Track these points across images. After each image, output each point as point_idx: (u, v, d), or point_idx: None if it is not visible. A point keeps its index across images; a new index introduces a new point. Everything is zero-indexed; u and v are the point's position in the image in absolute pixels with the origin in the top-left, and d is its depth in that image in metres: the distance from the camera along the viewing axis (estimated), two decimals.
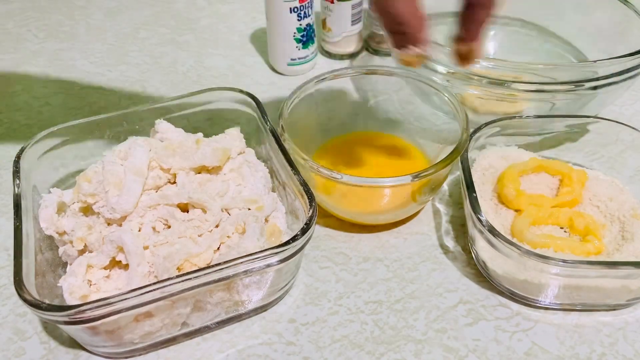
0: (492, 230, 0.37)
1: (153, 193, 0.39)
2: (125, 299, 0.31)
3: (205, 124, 0.47)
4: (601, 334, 0.39)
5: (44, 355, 0.38)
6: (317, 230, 0.45)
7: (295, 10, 0.58)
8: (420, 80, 0.49)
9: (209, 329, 0.38)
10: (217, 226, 0.38)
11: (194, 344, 0.38)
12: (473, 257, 0.43)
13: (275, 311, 0.40)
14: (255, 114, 0.45)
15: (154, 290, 0.32)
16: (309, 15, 0.60)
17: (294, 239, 0.35)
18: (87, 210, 0.38)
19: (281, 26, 0.59)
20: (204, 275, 0.33)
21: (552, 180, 0.46)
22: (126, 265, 0.36)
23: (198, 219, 0.37)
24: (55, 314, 0.31)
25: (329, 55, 0.66)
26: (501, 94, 0.48)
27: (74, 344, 0.38)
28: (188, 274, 0.33)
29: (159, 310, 0.34)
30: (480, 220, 0.38)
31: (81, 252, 0.37)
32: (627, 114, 0.58)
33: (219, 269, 0.33)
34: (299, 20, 0.59)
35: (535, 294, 0.39)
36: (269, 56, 0.64)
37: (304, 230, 0.35)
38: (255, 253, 0.34)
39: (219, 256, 0.36)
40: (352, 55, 0.66)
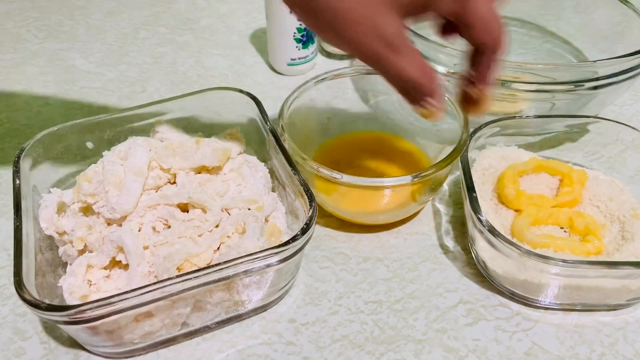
0: (492, 230, 0.37)
1: (153, 193, 0.39)
2: (125, 299, 0.31)
3: (205, 124, 0.47)
4: (601, 334, 0.39)
5: (44, 355, 0.38)
6: (317, 230, 0.45)
7: None
8: None
9: (209, 329, 0.38)
10: (217, 226, 0.38)
11: (194, 344, 0.38)
12: (473, 257, 0.43)
13: (275, 311, 0.40)
14: (255, 114, 0.45)
15: (154, 290, 0.32)
16: None
17: (294, 239, 0.35)
18: (87, 210, 0.38)
19: (281, 26, 0.59)
20: (204, 275, 0.33)
21: (552, 180, 0.46)
22: (126, 265, 0.36)
23: (198, 219, 0.37)
24: (55, 314, 0.31)
25: (329, 55, 0.66)
26: (501, 94, 0.48)
27: (74, 344, 0.38)
28: (188, 274, 0.33)
29: (159, 310, 0.34)
30: (480, 220, 0.38)
31: (81, 252, 0.37)
32: (627, 114, 0.58)
33: (219, 269, 0.33)
34: (299, 20, 0.59)
35: (535, 294, 0.39)
36: (269, 56, 0.64)
37: (304, 230, 0.35)
38: (255, 253, 0.34)
39: (219, 256, 0.36)
40: (352, 55, 0.66)
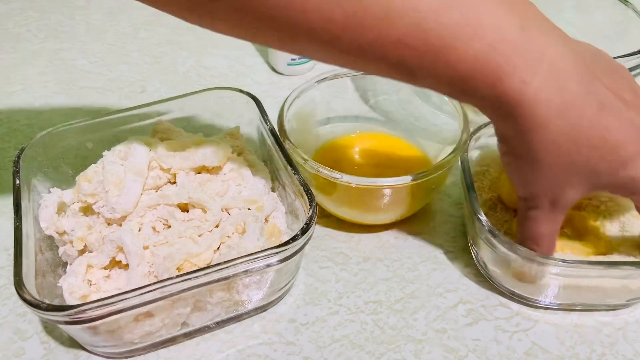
0: (492, 231, 0.37)
1: (153, 193, 0.39)
2: (125, 299, 0.31)
3: (206, 124, 0.47)
4: (601, 334, 0.39)
5: (44, 355, 0.38)
6: (317, 230, 0.45)
7: None
8: None
9: (209, 329, 0.38)
10: (217, 226, 0.38)
11: (194, 344, 0.38)
12: (473, 257, 0.43)
13: (275, 311, 0.40)
14: (255, 114, 0.45)
15: (154, 290, 0.32)
16: None
17: (294, 239, 0.35)
18: (87, 210, 0.38)
19: None
20: (204, 275, 0.33)
21: None
22: (126, 265, 0.36)
23: (198, 219, 0.37)
24: (55, 314, 0.31)
25: None
26: None
27: (74, 344, 0.38)
28: (188, 274, 0.33)
29: (159, 310, 0.34)
30: (480, 220, 0.38)
31: (81, 252, 0.37)
32: None
33: (219, 269, 0.33)
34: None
35: (535, 294, 0.39)
36: (269, 56, 0.64)
37: (304, 230, 0.35)
38: (255, 253, 0.34)
39: (219, 256, 0.36)
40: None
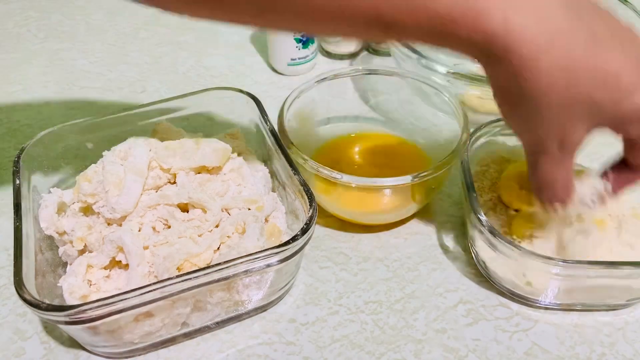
0: (492, 230, 0.37)
1: (153, 193, 0.39)
2: (125, 299, 0.31)
3: (206, 124, 0.47)
4: (601, 334, 0.39)
5: (44, 355, 0.38)
6: (317, 230, 0.45)
7: None
8: (420, 80, 0.49)
9: (209, 329, 0.38)
10: (217, 226, 0.38)
11: (194, 344, 0.38)
12: (473, 257, 0.43)
13: (275, 311, 0.40)
14: (255, 114, 0.45)
15: (154, 290, 0.32)
16: None
17: (294, 239, 0.35)
18: (87, 210, 0.38)
19: None
20: (204, 275, 0.33)
21: None
22: (126, 265, 0.36)
23: (198, 219, 0.37)
24: (55, 314, 0.31)
25: (329, 55, 0.66)
26: None
27: (74, 344, 0.38)
28: (188, 274, 0.33)
29: (159, 310, 0.34)
30: (480, 220, 0.38)
31: (81, 252, 0.37)
32: None
33: (219, 269, 0.33)
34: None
35: (535, 294, 0.39)
36: (269, 56, 0.64)
37: (304, 230, 0.35)
38: (255, 253, 0.34)
39: (219, 256, 0.36)
40: (352, 55, 0.66)
